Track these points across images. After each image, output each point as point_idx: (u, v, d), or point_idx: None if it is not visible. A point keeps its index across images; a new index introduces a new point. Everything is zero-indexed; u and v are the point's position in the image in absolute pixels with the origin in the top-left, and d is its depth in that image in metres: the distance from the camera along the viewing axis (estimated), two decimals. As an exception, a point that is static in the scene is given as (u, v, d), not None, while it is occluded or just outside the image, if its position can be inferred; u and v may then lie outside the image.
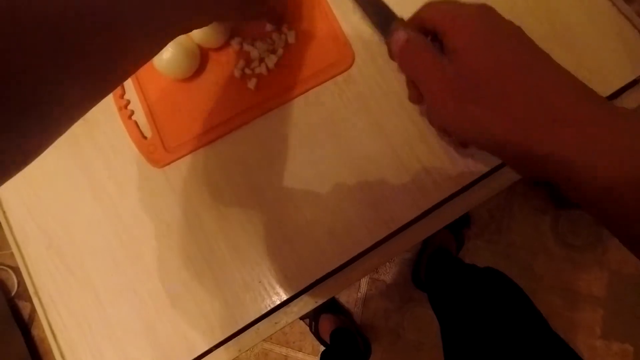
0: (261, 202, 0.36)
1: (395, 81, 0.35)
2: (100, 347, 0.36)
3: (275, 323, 0.36)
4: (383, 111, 0.35)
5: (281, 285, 0.35)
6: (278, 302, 0.35)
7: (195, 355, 0.35)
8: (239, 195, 0.36)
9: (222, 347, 0.36)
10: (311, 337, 1.11)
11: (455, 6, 0.25)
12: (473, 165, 0.34)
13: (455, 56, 0.24)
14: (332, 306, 1.07)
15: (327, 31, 0.36)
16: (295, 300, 0.35)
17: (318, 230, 0.35)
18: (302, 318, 1.10)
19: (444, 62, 0.25)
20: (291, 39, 0.36)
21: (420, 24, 0.26)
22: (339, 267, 0.35)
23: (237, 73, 0.36)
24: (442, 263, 0.92)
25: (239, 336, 0.36)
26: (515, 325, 0.51)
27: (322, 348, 1.08)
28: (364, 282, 1.11)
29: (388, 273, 1.11)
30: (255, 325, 0.36)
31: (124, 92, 0.38)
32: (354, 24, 0.37)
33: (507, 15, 0.25)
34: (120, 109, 0.38)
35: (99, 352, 0.36)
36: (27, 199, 0.39)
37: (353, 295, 1.11)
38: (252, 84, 0.36)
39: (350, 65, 0.36)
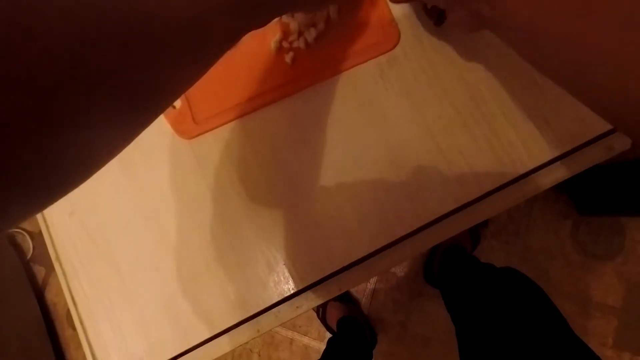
0: (291, 183, 0.34)
1: (441, 67, 0.33)
2: (119, 319, 0.36)
3: (297, 307, 0.35)
4: (426, 97, 0.33)
5: (305, 270, 0.34)
6: (301, 287, 0.34)
7: (214, 333, 0.35)
8: (268, 175, 0.35)
9: (240, 327, 0.35)
10: (318, 323, 1.11)
11: None
12: (518, 162, 0.32)
13: None
14: (340, 294, 1.06)
15: (371, 7, 0.34)
16: (318, 286, 0.34)
17: (348, 217, 0.33)
18: (309, 304, 1.10)
19: None
20: (333, 13, 0.34)
21: None
22: (367, 256, 0.33)
23: (273, 46, 0.35)
24: (456, 260, 0.90)
25: (258, 317, 0.35)
26: (536, 327, 0.49)
27: (328, 334, 1.08)
28: (374, 273, 1.10)
29: (399, 266, 1.10)
30: (276, 308, 0.35)
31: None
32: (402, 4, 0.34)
33: None
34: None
35: (118, 324, 0.36)
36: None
37: (363, 284, 1.11)
38: (288, 57, 0.34)
39: (395, 46, 0.34)
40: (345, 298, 1.07)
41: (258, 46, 0.35)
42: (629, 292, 1.01)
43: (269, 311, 0.35)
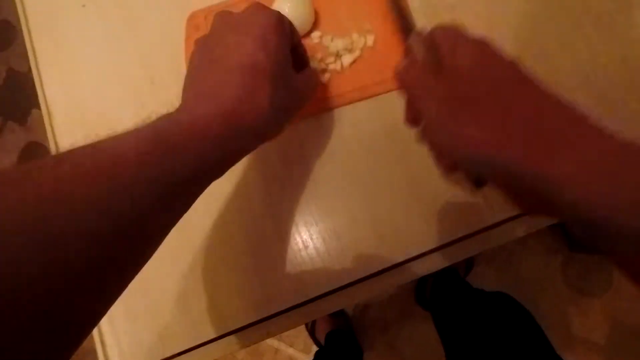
0: (314, 193, 0.36)
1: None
2: (133, 306, 0.37)
3: (306, 314, 0.36)
4: (448, 126, 0.36)
5: (321, 278, 0.35)
6: (316, 294, 0.35)
7: (225, 331, 0.36)
8: (293, 182, 0.37)
9: (250, 328, 0.36)
10: (305, 335, 1.11)
11: (460, 32, 0.26)
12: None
13: (454, 76, 0.24)
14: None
15: (405, 40, 0.37)
16: (330, 296, 0.36)
17: (367, 231, 0.35)
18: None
19: (443, 82, 0.25)
20: (370, 42, 0.37)
21: (429, 43, 0.27)
22: (380, 271, 0.35)
23: (313, 63, 0.37)
24: (449, 284, 0.92)
25: (270, 320, 0.36)
26: (525, 354, 0.51)
27: (314, 347, 1.08)
28: (366, 289, 1.11)
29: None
30: (288, 312, 0.36)
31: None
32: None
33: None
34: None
35: (132, 311, 0.37)
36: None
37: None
38: (324, 77, 0.37)
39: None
40: (336, 312, 1.07)
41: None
42: (612, 330, 1.03)
43: (282, 314, 0.36)
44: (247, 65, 0.25)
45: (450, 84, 0.24)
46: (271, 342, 1.12)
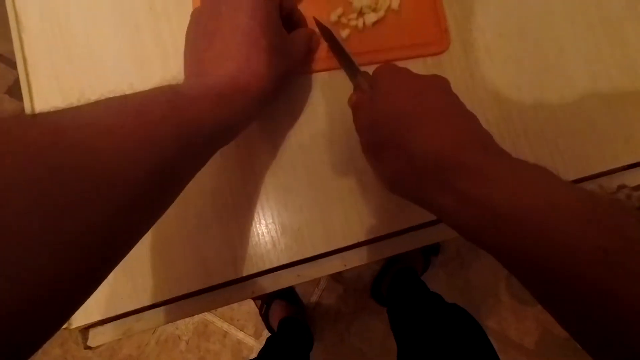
0: (321, 152, 0.35)
1: (480, 86, 0.36)
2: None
3: (298, 275, 0.34)
4: (461, 103, 0.36)
5: (319, 238, 0.34)
6: (312, 254, 0.33)
7: (208, 285, 0.33)
8: (300, 139, 0.35)
9: (236, 285, 0.34)
10: (256, 320, 1.08)
11: (387, 67, 0.29)
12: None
13: (373, 104, 0.27)
14: (288, 294, 1.05)
15: (431, 11, 0.37)
16: (326, 258, 0.34)
17: (371, 195, 0.34)
18: (254, 299, 1.07)
19: (369, 116, 0.28)
20: (395, 5, 0.36)
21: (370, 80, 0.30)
22: (379, 237, 0.34)
23: (333, 17, 0.35)
24: (407, 282, 0.94)
25: (257, 278, 0.34)
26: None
27: (266, 333, 1.06)
28: (324, 279, 1.11)
29: (349, 277, 1.12)
30: (278, 272, 0.34)
31: None
32: (457, 17, 0.37)
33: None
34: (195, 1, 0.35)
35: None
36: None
37: (310, 289, 1.10)
38: (344, 33, 0.35)
39: (443, 52, 0.37)
40: (293, 299, 1.06)
41: (318, 13, 0.36)
42: (541, 337, 1.12)
43: (270, 274, 0.34)
44: (242, 36, 0.27)
45: (372, 120, 0.27)
46: (221, 324, 1.08)
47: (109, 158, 0.18)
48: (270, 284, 0.34)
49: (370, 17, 0.36)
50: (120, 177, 0.18)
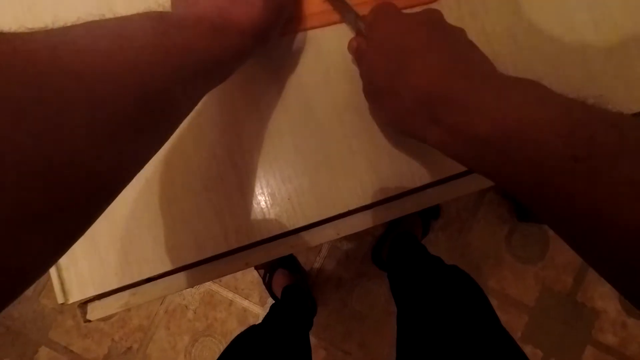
0: (309, 118, 0.33)
1: (473, 38, 0.34)
2: (94, 230, 0.32)
3: (291, 246, 0.34)
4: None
5: (310, 208, 0.33)
6: (303, 224, 0.33)
7: (199, 258, 0.33)
8: (287, 104, 0.33)
9: (229, 257, 0.33)
10: (261, 289, 1.11)
11: (379, 10, 0.29)
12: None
13: (369, 49, 0.28)
14: (290, 263, 1.07)
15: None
16: (318, 227, 0.34)
17: (361, 163, 0.33)
18: (257, 268, 1.09)
19: (365, 58, 0.29)
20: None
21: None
22: (372, 204, 0.34)
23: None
24: (407, 247, 0.95)
25: (248, 250, 0.34)
26: (473, 324, 0.54)
27: (270, 300, 1.08)
28: (325, 247, 1.12)
29: (350, 244, 1.13)
30: (271, 243, 0.34)
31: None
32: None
33: None
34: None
35: (92, 235, 0.32)
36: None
37: (311, 257, 1.12)
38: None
39: (433, 1, 0.34)
40: (294, 267, 1.08)
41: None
42: (541, 295, 1.15)
43: (261, 245, 0.34)
44: None
45: (368, 63, 0.28)
46: (226, 293, 1.10)
47: (89, 80, 0.16)
48: (263, 255, 0.34)
49: (356, -32, 0.33)
50: (104, 101, 0.16)
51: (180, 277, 0.34)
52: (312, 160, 0.33)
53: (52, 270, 0.32)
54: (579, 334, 1.13)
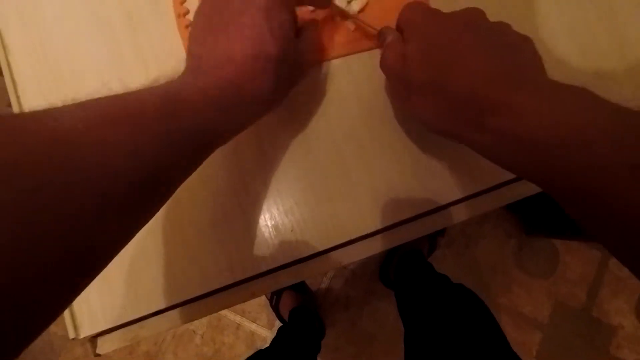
0: (309, 150, 0.34)
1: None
2: (106, 269, 0.33)
3: (295, 275, 0.34)
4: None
5: (312, 238, 0.34)
6: (306, 254, 0.33)
7: (207, 290, 0.33)
8: (287, 135, 0.34)
9: (235, 288, 0.34)
10: (268, 311, 1.10)
11: (416, 10, 0.28)
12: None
13: (406, 62, 0.27)
14: (297, 285, 1.06)
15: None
16: (321, 257, 0.34)
17: (361, 194, 0.34)
18: (264, 290, 1.09)
19: (401, 68, 0.27)
20: (376, -10, 0.35)
21: (398, 25, 0.30)
22: (373, 232, 0.34)
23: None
24: (413, 265, 0.95)
25: (255, 280, 0.34)
26: (481, 345, 0.53)
27: (278, 323, 1.08)
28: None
29: (356, 263, 1.13)
30: (276, 273, 0.34)
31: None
32: None
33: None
34: (178, 16, 0.34)
35: (105, 271, 0.33)
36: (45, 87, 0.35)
37: (318, 278, 1.12)
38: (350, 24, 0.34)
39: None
40: (301, 288, 1.07)
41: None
42: (554, 310, 1.12)
43: (268, 275, 0.34)
44: (249, 39, 0.25)
45: (412, 59, 0.26)
46: (233, 317, 1.10)
47: (85, 172, 0.17)
48: (268, 285, 0.34)
49: (355, 4, 0.35)
50: (96, 187, 0.17)
51: (188, 309, 0.34)
52: (313, 192, 0.34)
53: (63, 307, 0.32)
54: (596, 351, 1.10)
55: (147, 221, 0.22)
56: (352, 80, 0.35)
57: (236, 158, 0.34)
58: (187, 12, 0.35)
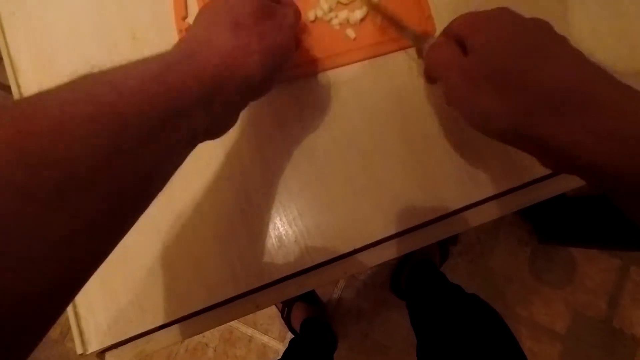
0: (311, 161, 0.34)
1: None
2: (110, 278, 0.33)
3: (299, 286, 0.34)
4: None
5: (316, 248, 0.33)
6: (310, 265, 0.33)
7: (211, 303, 0.33)
8: (290, 147, 0.35)
9: (240, 300, 0.34)
10: (279, 323, 1.09)
11: (475, 13, 0.28)
12: (529, 169, 0.34)
13: (474, 53, 0.26)
14: (308, 296, 1.06)
15: (413, 1, 0.36)
16: (325, 267, 0.34)
17: (364, 203, 0.34)
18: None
19: (465, 58, 0.27)
20: None
21: (449, 34, 0.29)
22: (378, 241, 0.34)
23: (312, 15, 0.35)
24: (426, 275, 0.93)
25: (260, 292, 0.34)
26: (494, 356, 0.52)
27: (289, 335, 1.07)
28: (342, 278, 1.11)
29: (367, 273, 1.11)
30: (280, 284, 0.34)
31: (186, 15, 0.36)
32: (437, 3, 0.36)
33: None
34: (180, 31, 0.35)
35: (110, 283, 0.33)
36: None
37: (329, 289, 1.11)
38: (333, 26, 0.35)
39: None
40: (313, 300, 1.06)
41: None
42: (573, 321, 1.08)
43: (273, 286, 0.34)
44: (237, 23, 0.25)
45: (473, 61, 0.26)
46: (245, 329, 1.09)
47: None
48: (273, 297, 0.34)
49: (356, 15, 0.35)
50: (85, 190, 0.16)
51: (193, 322, 0.34)
52: (316, 202, 0.34)
53: (72, 321, 0.33)
54: (620, 363, 1.05)
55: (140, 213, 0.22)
56: (354, 89, 0.35)
57: (239, 169, 0.34)
58: (189, 27, 0.36)
